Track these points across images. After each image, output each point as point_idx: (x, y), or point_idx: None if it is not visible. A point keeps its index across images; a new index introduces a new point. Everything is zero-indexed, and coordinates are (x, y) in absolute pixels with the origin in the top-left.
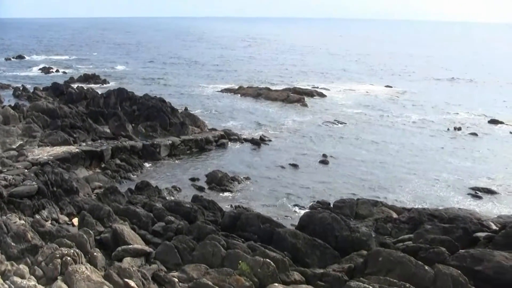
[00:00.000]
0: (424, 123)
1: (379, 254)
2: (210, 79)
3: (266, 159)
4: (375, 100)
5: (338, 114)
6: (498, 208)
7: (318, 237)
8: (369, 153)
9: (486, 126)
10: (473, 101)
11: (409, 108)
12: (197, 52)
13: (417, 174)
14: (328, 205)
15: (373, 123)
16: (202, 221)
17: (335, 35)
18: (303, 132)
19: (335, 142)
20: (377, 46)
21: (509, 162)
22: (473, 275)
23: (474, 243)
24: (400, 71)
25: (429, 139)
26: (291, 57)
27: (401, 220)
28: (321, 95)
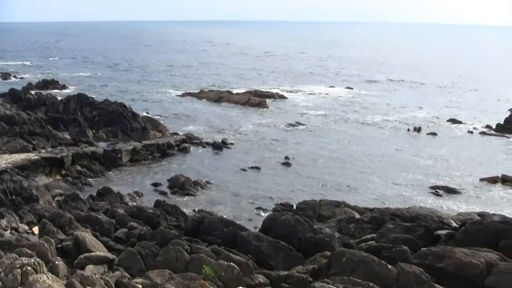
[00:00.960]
0: (385, 124)
1: (343, 254)
2: (170, 83)
3: (228, 163)
4: (336, 102)
5: (299, 116)
6: (458, 205)
7: (281, 239)
8: (330, 154)
9: (445, 126)
10: (433, 102)
11: (370, 110)
12: (156, 56)
13: (379, 174)
14: (291, 207)
15: (334, 124)
16: (165, 226)
17: (293, 38)
18: (265, 134)
19: (297, 144)
20: (344, 49)
21: (467, 161)
22: (435, 272)
23: (435, 241)
24: (362, 74)
25: (389, 140)
26: (251, 61)
27: (364, 220)
28: (282, 98)
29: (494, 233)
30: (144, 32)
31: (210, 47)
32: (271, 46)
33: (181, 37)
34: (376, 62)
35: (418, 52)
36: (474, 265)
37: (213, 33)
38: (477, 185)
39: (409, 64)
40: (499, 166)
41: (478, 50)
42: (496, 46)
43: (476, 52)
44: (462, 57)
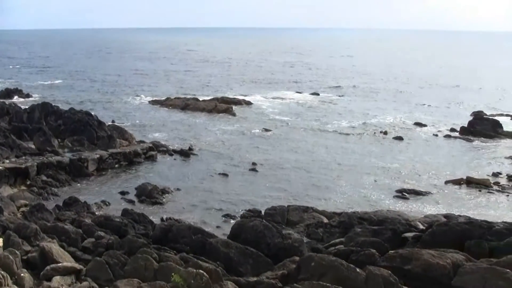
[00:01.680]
0: (352, 129)
1: (311, 259)
2: (136, 91)
3: (196, 170)
4: (303, 108)
5: (266, 122)
6: (425, 208)
7: (250, 246)
8: (298, 159)
9: (410, 130)
10: (399, 106)
11: (337, 115)
12: (121, 64)
13: (346, 179)
14: (259, 213)
15: (301, 130)
16: (132, 235)
17: (255, 45)
18: (232, 141)
19: (264, 150)
20: (308, 55)
21: (433, 163)
22: (403, 274)
23: (403, 243)
24: (327, 80)
25: (356, 144)
26: (216, 68)
27: (332, 225)
28: (248, 104)
29: (460, 234)
30: (109, 40)
31: (175, 55)
32: (235, 53)
33: (146, 44)
34: (342, 68)
35: (384, 58)
36: (441, 266)
37: (177, 40)
38: (443, 187)
39: (375, 70)
40: (464, 168)
41: (448, 56)
42: (466, 51)
43: (445, 58)
44: (429, 62)
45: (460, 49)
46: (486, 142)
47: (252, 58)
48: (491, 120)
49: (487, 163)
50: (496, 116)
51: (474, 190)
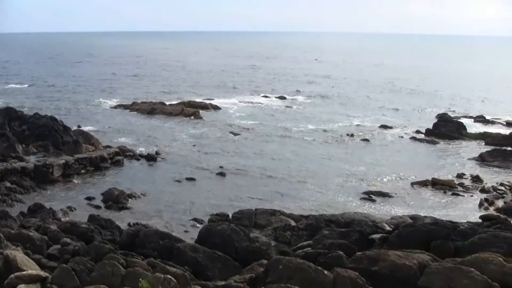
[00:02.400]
0: (318, 132)
1: (279, 262)
2: (101, 95)
3: (163, 174)
4: (270, 112)
5: (233, 126)
6: (391, 209)
7: (218, 250)
8: (265, 163)
9: (377, 133)
10: (366, 109)
11: (303, 119)
12: (85, 69)
13: (313, 182)
14: (227, 217)
15: (268, 133)
16: (99, 241)
17: (219, 48)
18: (199, 145)
19: (231, 154)
20: (274, 59)
21: (399, 165)
22: (370, 275)
23: (370, 244)
24: (294, 84)
25: (323, 147)
26: (182, 72)
27: (300, 228)
28: (215, 108)
29: (425, 235)
30: (72, 44)
31: (140, 59)
32: (200, 56)
33: (111, 49)
34: (309, 72)
35: (354, 61)
36: (408, 266)
37: (142, 44)
38: (409, 189)
39: (343, 74)
40: (429, 170)
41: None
42: (440, 55)
43: (415, 61)
44: (398, 66)
45: (434, 53)
46: (450, 143)
47: (218, 62)
48: (456, 122)
49: (452, 164)
50: (461, 118)
51: (440, 191)
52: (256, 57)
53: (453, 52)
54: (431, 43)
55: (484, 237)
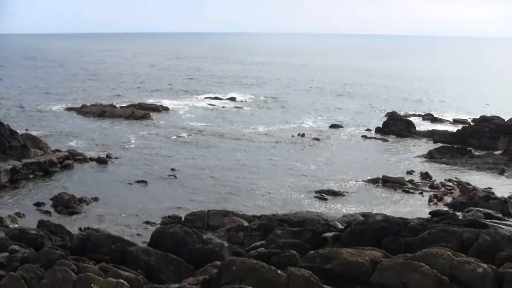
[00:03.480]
0: (269, 133)
1: (233, 263)
2: (49, 98)
3: (114, 178)
4: (220, 113)
5: (184, 127)
6: (343, 207)
7: (171, 252)
8: (217, 164)
9: (328, 132)
10: (317, 110)
11: (254, 119)
12: (31, 71)
13: (265, 182)
14: (180, 219)
15: (219, 135)
16: (49, 247)
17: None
18: (150, 147)
19: (183, 156)
20: (223, 60)
21: (350, 164)
22: (323, 273)
23: (323, 243)
24: (245, 84)
25: (274, 147)
26: (132, 74)
27: (252, 228)
28: (166, 110)
29: (377, 232)
30: (12, 46)
31: (89, 61)
32: (148, 58)
33: (55, 51)
34: (259, 73)
35: (298, 62)
36: (360, 263)
37: (87, 47)
38: (360, 187)
39: (293, 75)
40: (380, 168)
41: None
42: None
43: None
44: (344, 67)
45: (383, 53)
46: (400, 141)
47: (167, 64)
48: (405, 121)
49: (402, 162)
50: (410, 116)
51: (390, 189)
52: (204, 58)
53: (401, 52)
54: (380, 43)
55: (434, 232)
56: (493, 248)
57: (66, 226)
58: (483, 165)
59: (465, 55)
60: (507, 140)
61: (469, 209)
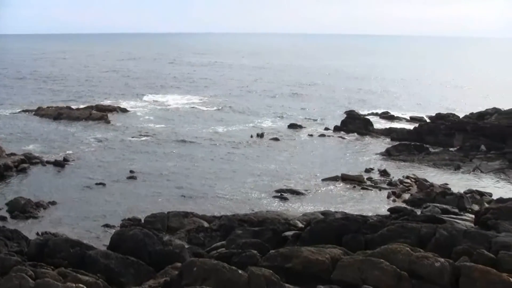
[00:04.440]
0: (229, 133)
1: (193, 264)
2: (4, 100)
3: (72, 181)
4: (178, 113)
5: (142, 128)
6: (303, 206)
7: (131, 255)
8: (176, 165)
9: (286, 131)
10: (274, 109)
11: (213, 120)
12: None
13: (225, 182)
14: (139, 221)
15: (178, 135)
16: (5, 253)
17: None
18: (109, 149)
19: (142, 157)
20: (180, 60)
21: (309, 163)
22: (284, 272)
23: (283, 242)
24: (201, 85)
25: (234, 147)
26: (88, 75)
27: (213, 229)
28: (124, 111)
29: (337, 230)
30: None
31: (43, 62)
32: (107, 59)
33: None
34: (216, 74)
35: (261, 62)
36: (320, 261)
37: (42, 47)
38: (320, 185)
39: (249, 76)
40: (339, 166)
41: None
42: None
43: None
44: (301, 66)
45: (342, 52)
46: (358, 140)
47: (123, 64)
48: (363, 119)
49: (360, 160)
50: (367, 115)
51: (349, 186)
52: (160, 59)
53: (366, 51)
54: (347, 43)
55: (392, 229)
56: (450, 242)
57: (23, 232)
58: (439, 161)
59: (430, 54)
60: (462, 136)
61: (427, 205)
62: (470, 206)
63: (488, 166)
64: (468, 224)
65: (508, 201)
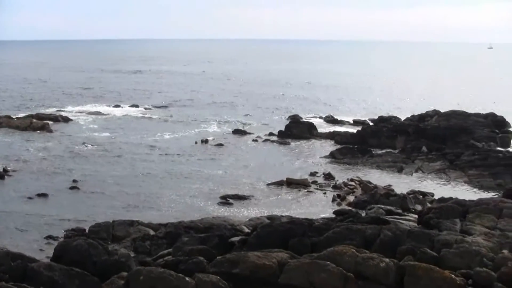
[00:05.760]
0: (173, 140)
1: (140, 273)
2: None
3: (12, 192)
4: (123, 121)
5: (85, 137)
6: (249, 211)
7: (75, 266)
8: (121, 173)
9: (231, 137)
10: (220, 115)
11: (158, 126)
12: None
13: (170, 189)
14: (84, 231)
15: (122, 143)
16: None
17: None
18: (50, 159)
19: (85, 166)
20: (126, 66)
21: (254, 168)
22: (232, 278)
23: (230, 248)
24: (148, 91)
25: (179, 155)
26: (30, 83)
27: (159, 236)
28: (66, 120)
29: (283, 234)
30: None
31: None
32: (49, 66)
33: None
34: (160, 80)
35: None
36: (267, 266)
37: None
38: (265, 190)
39: (192, 82)
40: (284, 170)
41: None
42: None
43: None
44: (242, 71)
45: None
46: (302, 144)
47: (66, 73)
48: (306, 123)
49: (305, 163)
50: (311, 118)
51: (295, 190)
52: (101, 67)
53: (308, 56)
54: (292, 48)
55: (338, 231)
56: (394, 242)
57: None
58: (382, 163)
59: (370, 59)
60: (404, 139)
61: (371, 207)
62: (413, 206)
63: (429, 166)
64: (412, 224)
65: (449, 200)
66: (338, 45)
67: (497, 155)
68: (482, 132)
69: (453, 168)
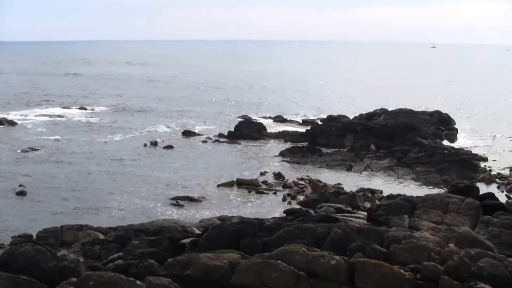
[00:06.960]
0: (123, 142)
1: (89, 278)
2: None
3: None
4: (71, 124)
5: (32, 141)
6: (199, 213)
7: (22, 273)
8: (69, 177)
9: (180, 139)
10: (169, 117)
11: (107, 129)
12: None
13: (120, 192)
14: (31, 237)
15: (70, 147)
16: None
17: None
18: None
19: (32, 171)
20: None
21: (204, 169)
22: (183, 280)
23: (181, 250)
24: (96, 92)
25: (129, 156)
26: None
27: (109, 240)
28: (11, 124)
29: (234, 234)
30: None
31: None
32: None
33: None
34: (107, 82)
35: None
36: (219, 267)
37: None
38: (215, 191)
39: (144, 83)
40: (234, 171)
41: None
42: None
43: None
44: (193, 72)
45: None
46: (252, 144)
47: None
48: (256, 123)
49: (255, 164)
50: (261, 119)
51: (245, 191)
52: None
53: (258, 56)
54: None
55: (289, 230)
56: (344, 240)
57: None
58: (332, 162)
59: (318, 59)
60: (353, 137)
61: (321, 205)
62: (362, 204)
63: (378, 164)
64: (361, 222)
65: (397, 197)
66: (287, 45)
67: (443, 152)
68: (428, 129)
69: (401, 165)
